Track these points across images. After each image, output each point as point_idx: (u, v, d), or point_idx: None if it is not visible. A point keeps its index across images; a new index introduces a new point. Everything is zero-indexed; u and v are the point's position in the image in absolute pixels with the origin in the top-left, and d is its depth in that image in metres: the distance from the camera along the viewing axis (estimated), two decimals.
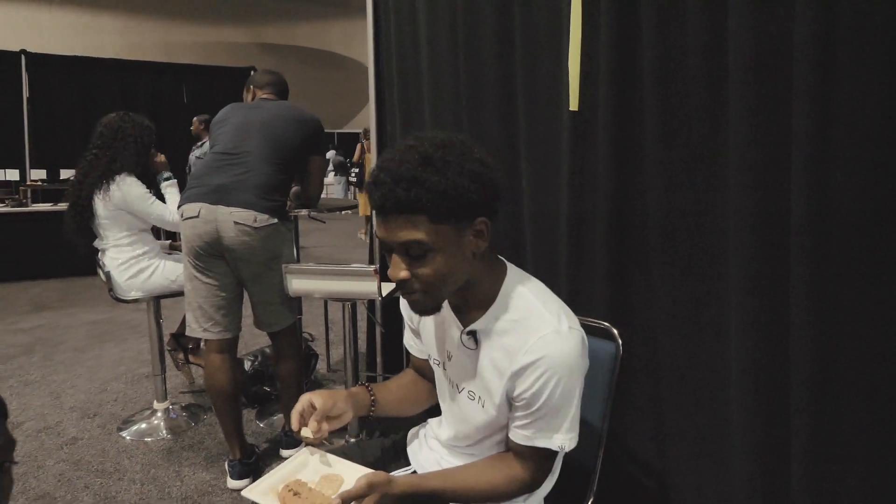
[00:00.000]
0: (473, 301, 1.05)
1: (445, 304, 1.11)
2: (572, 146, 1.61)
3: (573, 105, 1.59)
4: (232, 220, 1.95)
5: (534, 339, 0.98)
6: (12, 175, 6.54)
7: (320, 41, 14.53)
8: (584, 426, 1.31)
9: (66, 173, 6.55)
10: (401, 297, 1.25)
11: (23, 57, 6.77)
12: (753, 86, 1.19)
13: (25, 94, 6.79)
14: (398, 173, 0.91)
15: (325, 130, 2.38)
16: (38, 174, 6.75)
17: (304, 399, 1.09)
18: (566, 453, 1.18)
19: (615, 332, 1.34)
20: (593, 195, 1.58)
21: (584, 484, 1.30)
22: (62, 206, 5.71)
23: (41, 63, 6.94)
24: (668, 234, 1.44)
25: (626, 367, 1.35)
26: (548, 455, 1.04)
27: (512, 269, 1.09)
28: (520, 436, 1.03)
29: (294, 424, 1.07)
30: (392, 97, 2.50)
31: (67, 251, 6.21)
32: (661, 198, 1.44)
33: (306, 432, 1.05)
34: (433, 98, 2.22)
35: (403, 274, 0.95)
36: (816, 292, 1.14)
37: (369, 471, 0.99)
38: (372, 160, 3.21)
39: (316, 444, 1.08)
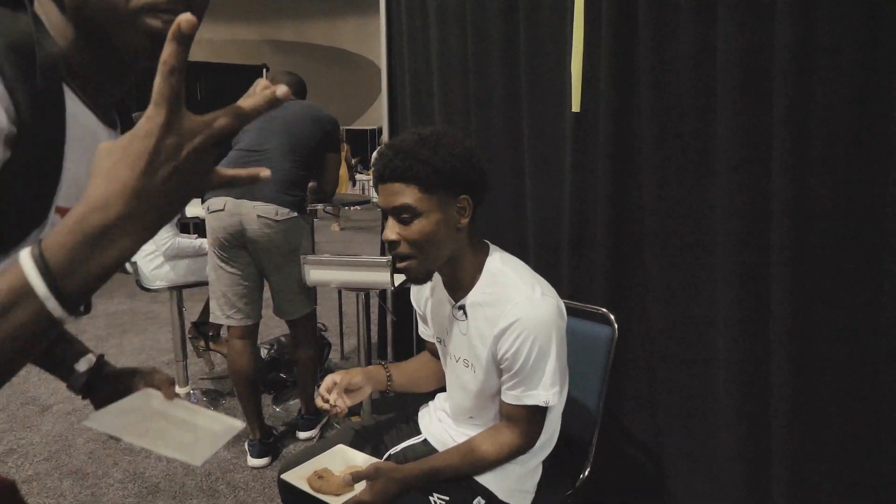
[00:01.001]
0: (462, 279, 1.20)
1: (440, 283, 1.24)
2: (574, 144, 1.72)
3: (575, 106, 1.70)
4: (255, 213, 2.07)
5: (510, 306, 1.12)
6: None
7: (331, 38, 14.62)
8: (582, 403, 1.43)
9: None
10: (411, 288, 1.38)
11: None
12: (738, 91, 1.30)
13: None
14: (398, 148, 1.09)
15: None
16: None
17: (327, 379, 1.24)
18: (564, 428, 1.30)
19: (612, 317, 1.45)
20: (593, 190, 1.69)
21: (581, 456, 1.41)
22: None
23: None
24: (662, 226, 1.55)
25: (621, 349, 1.46)
26: (537, 413, 1.16)
27: (494, 250, 1.23)
28: (510, 396, 1.15)
29: (319, 402, 1.22)
30: (404, 97, 2.62)
31: None
32: (656, 193, 1.54)
33: (326, 402, 1.20)
34: (443, 98, 2.33)
35: (394, 236, 1.11)
36: (794, 281, 1.25)
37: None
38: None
39: (339, 415, 1.22)
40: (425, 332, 1.42)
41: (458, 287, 1.21)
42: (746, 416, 1.35)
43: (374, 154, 1.16)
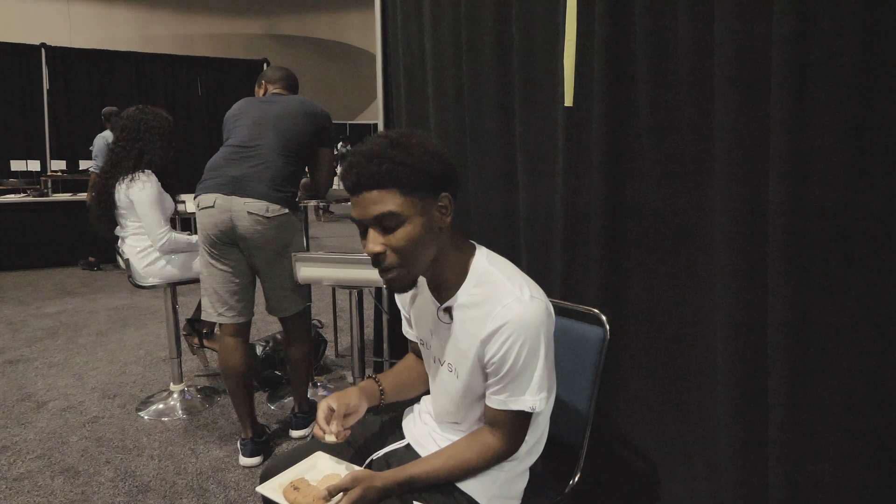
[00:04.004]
0: (447, 280, 1.15)
1: (425, 285, 1.20)
2: (567, 141, 1.68)
3: (568, 101, 1.66)
4: (245, 210, 2.04)
5: (498, 308, 1.07)
6: (34, 166, 6.69)
7: (334, 33, 14.57)
8: (572, 405, 1.40)
9: (84, 164, 6.71)
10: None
11: (43, 50, 6.92)
12: (735, 85, 1.25)
13: (46, 86, 6.94)
14: (370, 152, 1.03)
15: (337, 122, 2.46)
16: (58, 165, 6.91)
17: (323, 406, 1.19)
18: (554, 431, 1.27)
19: (603, 318, 1.41)
20: (586, 188, 1.64)
21: (571, 460, 1.38)
22: (81, 195, 5.86)
23: (61, 56, 7.08)
24: (655, 224, 1.51)
25: (613, 349, 1.43)
26: (522, 418, 1.13)
27: (481, 249, 1.18)
28: (495, 401, 1.11)
29: (318, 432, 1.16)
30: (399, 94, 2.58)
31: (87, 240, 6.28)
32: (650, 191, 1.50)
33: (330, 438, 1.15)
34: (437, 93, 2.29)
35: (379, 248, 1.05)
36: (791, 281, 1.20)
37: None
38: None
39: (341, 441, 1.17)
40: (411, 332, 1.39)
41: (443, 289, 1.17)
42: (742, 417, 1.31)
43: (342, 165, 1.10)
